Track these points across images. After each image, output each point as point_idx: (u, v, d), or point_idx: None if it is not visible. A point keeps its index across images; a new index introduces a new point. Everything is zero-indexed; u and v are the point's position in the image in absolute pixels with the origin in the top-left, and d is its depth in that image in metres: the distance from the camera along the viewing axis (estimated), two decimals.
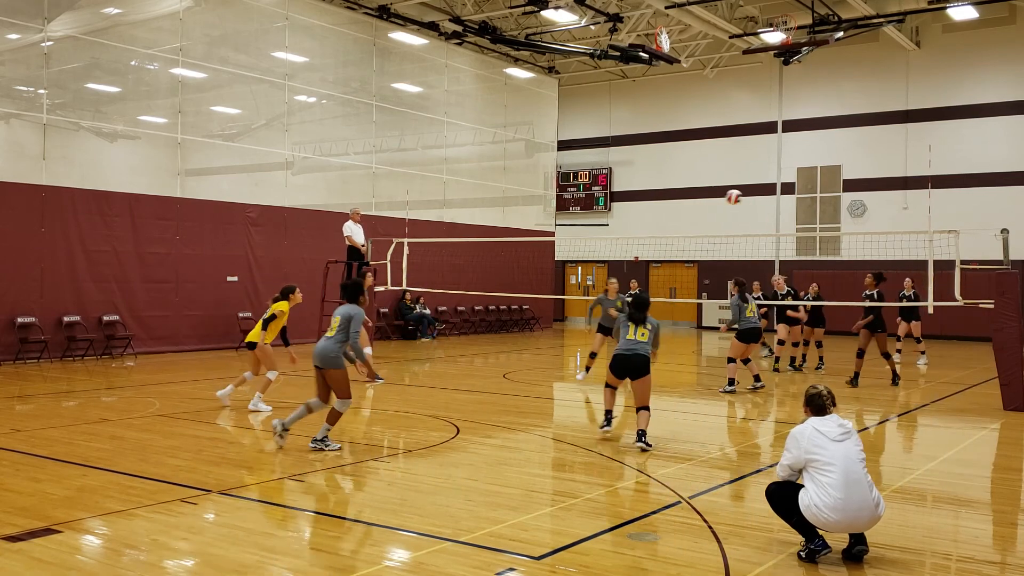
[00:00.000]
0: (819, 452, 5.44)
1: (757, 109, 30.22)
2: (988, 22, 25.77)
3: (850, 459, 5.41)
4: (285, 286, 11.47)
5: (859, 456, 5.48)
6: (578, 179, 33.64)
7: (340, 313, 8.60)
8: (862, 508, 5.35)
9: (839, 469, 5.36)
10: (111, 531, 5.94)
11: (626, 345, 9.25)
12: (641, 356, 9.16)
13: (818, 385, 5.81)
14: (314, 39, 22.54)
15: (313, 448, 8.51)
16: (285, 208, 21.46)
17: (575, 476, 8.03)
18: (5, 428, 9.61)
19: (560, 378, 16.42)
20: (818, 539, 5.44)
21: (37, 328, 16.53)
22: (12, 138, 17.15)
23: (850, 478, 5.35)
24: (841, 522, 5.36)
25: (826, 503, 5.34)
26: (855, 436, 5.57)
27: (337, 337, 8.51)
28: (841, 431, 5.51)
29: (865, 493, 5.38)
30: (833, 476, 5.36)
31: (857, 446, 5.52)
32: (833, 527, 5.39)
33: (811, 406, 5.70)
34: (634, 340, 9.23)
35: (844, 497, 5.32)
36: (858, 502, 5.34)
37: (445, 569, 5.19)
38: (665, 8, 23.07)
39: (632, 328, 9.27)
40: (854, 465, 5.40)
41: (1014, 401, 11.92)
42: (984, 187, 26.13)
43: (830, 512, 5.33)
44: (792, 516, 5.52)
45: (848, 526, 5.40)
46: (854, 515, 5.34)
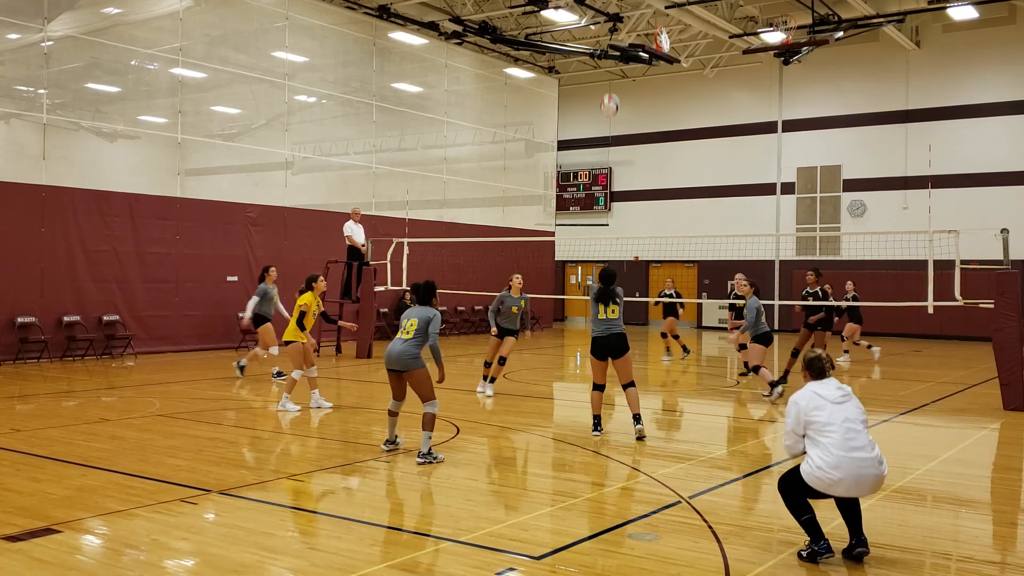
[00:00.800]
0: (818, 414, 5.46)
1: (757, 109, 30.21)
2: (988, 22, 25.77)
3: (850, 420, 5.43)
4: (309, 276, 11.45)
5: (859, 417, 5.49)
6: (578, 179, 33.65)
7: (417, 316, 8.23)
8: (864, 465, 5.34)
9: (839, 428, 5.38)
10: (111, 531, 5.94)
11: (600, 327, 9.33)
12: (617, 334, 9.28)
13: (817, 350, 5.81)
14: (314, 39, 22.54)
15: (421, 463, 8.06)
16: (285, 208, 21.46)
17: (575, 476, 8.03)
18: (5, 428, 9.61)
19: (560, 378, 16.41)
20: (823, 541, 5.43)
21: (37, 328, 16.53)
22: (12, 138, 17.15)
23: (850, 436, 5.37)
24: (845, 480, 5.32)
25: (828, 462, 5.34)
26: (855, 399, 5.58)
27: (415, 340, 8.17)
28: (840, 393, 5.53)
29: (867, 451, 5.37)
30: (834, 436, 5.37)
31: (857, 408, 5.53)
32: (838, 487, 5.35)
33: (811, 370, 5.70)
34: (606, 319, 9.31)
35: (846, 454, 5.32)
36: (860, 459, 5.33)
37: (445, 569, 5.19)
38: (665, 8, 23.07)
39: (602, 308, 9.33)
40: (854, 425, 5.42)
41: (1014, 401, 11.92)
42: (984, 187, 26.12)
43: (832, 470, 5.32)
44: (802, 514, 5.49)
45: (853, 485, 5.35)
46: (857, 472, 5.32)
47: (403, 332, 8.23)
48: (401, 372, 8.21)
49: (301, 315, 11.05)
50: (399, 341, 8.19)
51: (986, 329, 13.22)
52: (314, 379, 11.36)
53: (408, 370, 8.15)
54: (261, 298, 13.95)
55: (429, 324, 8.17)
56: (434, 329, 8.17)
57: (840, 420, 5.42)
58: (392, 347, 8.21)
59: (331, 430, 10.10)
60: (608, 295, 9.32)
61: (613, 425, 11.15)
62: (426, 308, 8.32)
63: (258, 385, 14.09)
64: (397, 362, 8.17)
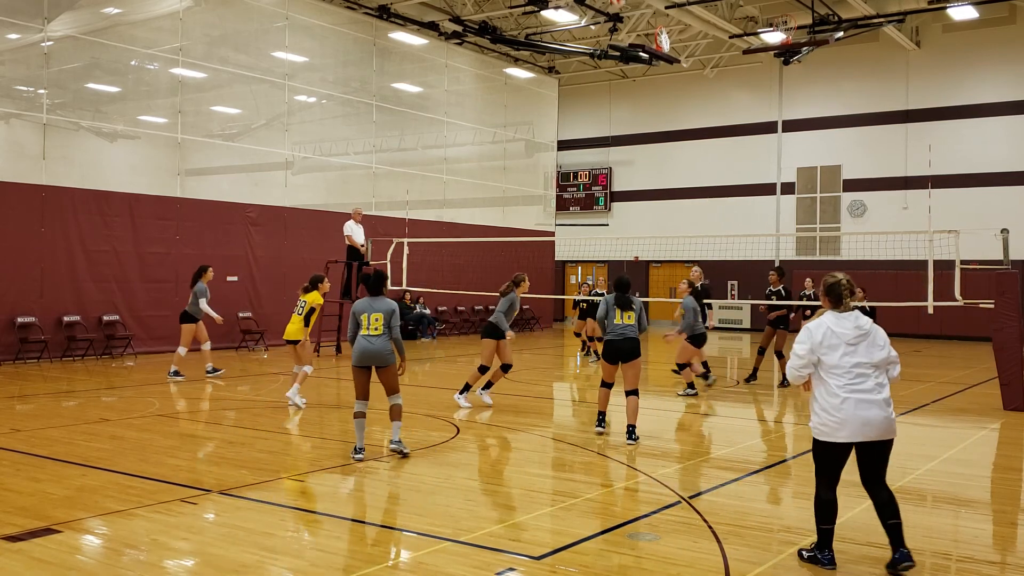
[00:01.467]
0: (829, 354, 5.32)
1: (757, 109, 30.21)
2: (988, 22, 25.77)
3: (861, 365, 5.29)
4: (313, 275, 11.70)
5: (872, 359, 5.32)
6: (578, 179, 33.64)
7: (381, 310, 8.31)
8: (868, 406, 5.22)
9: (846, 373, 5.27)
10: (111, 531, 5.94)
11: (615, 331, 9.48)
12: (631, 340, 9.45)
13: (838, 273, 5.57)
14: (314, 39, 22.54)
15: (395, 450, 8.31)
16: (285, 208, 21.46)
17: (575, 476, 8.03)
18: (5, 428, 9.61)
19: (560, 378, 16.41)
20: (828, 553, 5.34)
21: (37, 328, 16.53)
22: (12, 138, 17.15)
23: (857, 380, 5.26)
24: (848, 421, 5.22)
25: (831, 403, 5.27)
26: (873, 336, 5.39)
27: (386, 334, 8.30)
28: (857, 333, 5.34)
29: (873, 393, 5.25)
30: (840, 379, 5.27)
31: (872, 348, 5.35)
32: (842, 429, 5.24)
33: (830, 295, 5.48)
34: (622, 324, 9.49)
35: (849, 395, 5.23)
36: (863, 400, 5.22)
37: (445, 569, 5.19)
38: (665, 8, 23.07)
39: (618, 313, 9.50)
40: (864, 370, 5.29)
41: (1014, 401, 11.93)
42: (984, 187, 26.12)
43: (835, 412, 5.24)
44: (823, 523, 5.37)
45: (858, 428, 5.23)
46: (861, 414, 5.21)
47: (370, 328, 8.26)
48: (379, 367, 8.29)
49: (311, 312, 11.30)
50: (372, 338, 8.24)
51: (986, 329, 13.24)
52: (305, 376, 11.50)
53: (386, 365, 8.28)
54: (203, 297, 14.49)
55: (392, 317, 8.31)
56: (396, 322, 8.32)
57: (849, 365, 5.28)
58: (367, 345, 8.23)
59: (331, 430, 10.10)
60: (625, 302, 9.55)
61: (613, 425, 11.15)
62: (383, 300, 8.43)
63: (258, 385, 14.09)
64: (377, 358, 8.24)
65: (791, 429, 10.92)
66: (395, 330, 8.32)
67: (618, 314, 9.51)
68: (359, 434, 8.37)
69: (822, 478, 5.42)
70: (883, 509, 5.38)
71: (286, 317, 20.83)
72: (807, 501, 7.25)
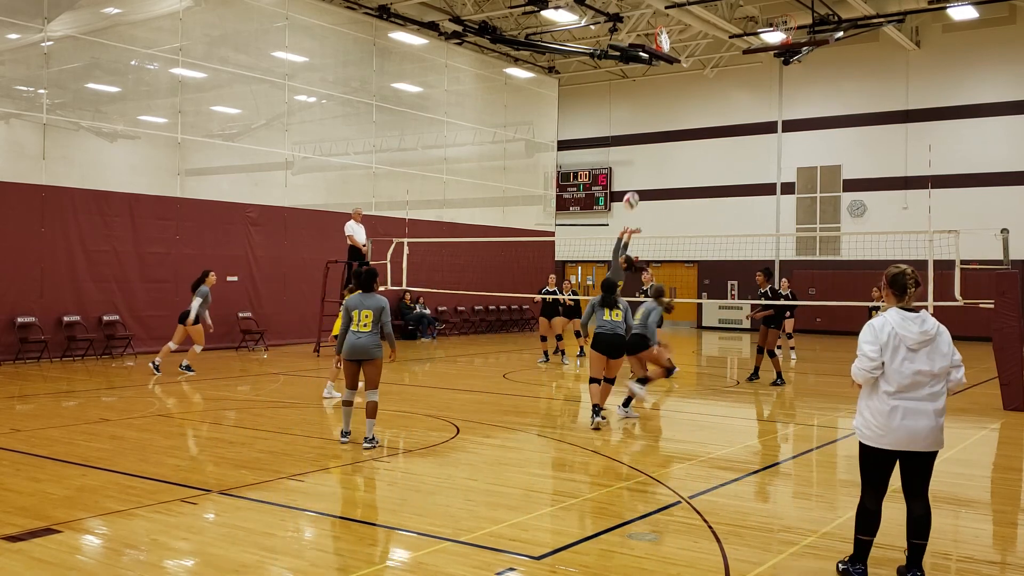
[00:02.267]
0: (890, 358, 4.98)
1: (757, 109, 30.21)
2: (988, 22, 25.77)
3: (921, 373, 4.96)
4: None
5: (934, 368, 4.98)
6: (578, 179, 33.64)
7: (371, 307, 8.70)
8: (918, 415, 4.96)
9: (904, 379, 4.97)
10: (111, 531, 5.94)
11: (605, 325, 10.35)
12: (618, 335, 10.30)
13: (902, 264, 5.24)
14: (314, 39, 22.54)
15: (369, 447, 8.63)
16: (285, 208, 21.46)
17: (575, 476, 8.03)
18: (5, 428, 9.61)
19: (560, 377, 16.40)
20: (860, 566, 5.15)
21: (37, 328, 16.53)
22: (12, 138, 17.15)
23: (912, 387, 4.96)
24: (895, 430, 4.96)
25: (880, 409, 5.00)
26: (939, 339, 5.04)
27: (375, 330, 8.71)
28: (922, 337, 4.98)
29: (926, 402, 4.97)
30: (894, 385, 4.97)
31: (936, 353, 5.00)
32: (887, 438, 5.00)
33: (894, 287, 5.14)
34: (610, 320, 10.33)
35: (900, 403, 4.96)
36: (914, 409, 4.96)
37: (445, 569, 5.19)
38: (665, 8, 23.07)
39: (607, 311, 10.40)
40: (922, 379, 4.97)
41: (1014, 401, 11.93)
42: (984, 187, 26.12)
43: (881, 418, 4.98)
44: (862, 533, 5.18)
45: (905, 438, 4.97)
46: (911, 424, 4.95)
47: (359, 324, 8.69)
48: (364, 361, 8.75)
49: None
50: (360, 334, 8.68)
51: (986, 329, 13.23)
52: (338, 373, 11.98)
53: (371, 359, 8.74)
54: (204, 300, 14.80)
55: (382, 313, 8.73)
56: (387, 318, 8.77)
57: (908, 372, 4.96)
58: (355, 340, 8.70)
59: (331, 430, 10.10)
60: (610, 302, 10.41)
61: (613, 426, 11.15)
62: (374, 297, 8.85)
63: (258, 385, 14.10)
64: (363, 352, 8.71)
65: (792, 430, 10.92)
66: (386, 326, 8.79)
67: (606, 312, 10.37)
68: (346, 420, 8.97)
69: (867, 485, 5.21)
70: (913, 525, 5.18)
71: (286, 317, 21.03)
72: (807, 501, 7.26)
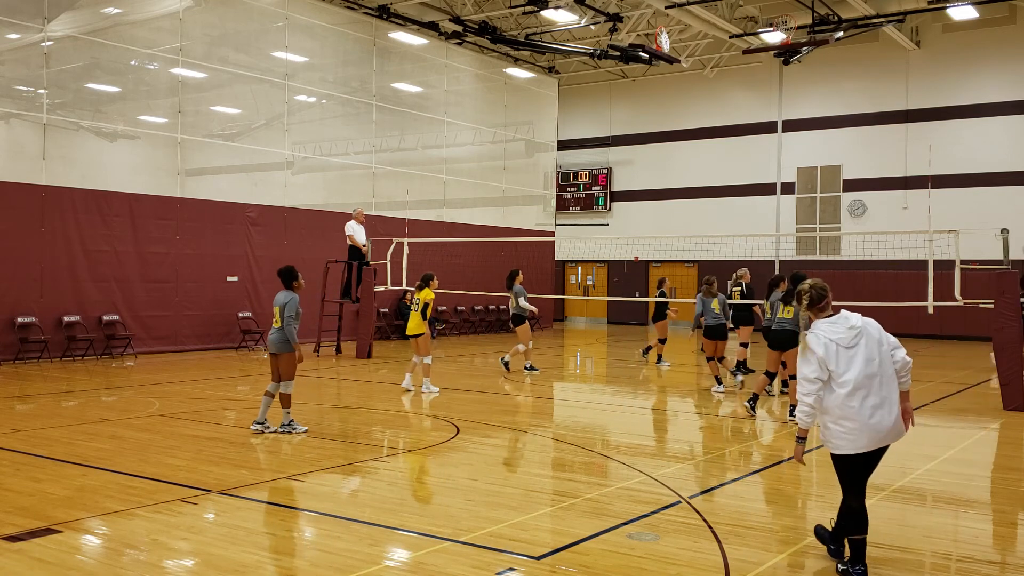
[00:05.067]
0: (834, 365, 5.15)
1: (757, 109, 30.21)
2: (988, 22, 25.77)
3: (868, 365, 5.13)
4: (424, 274, 13.04)
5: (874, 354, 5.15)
6: (578, 179, 33.64)
7: (279, 303, 9.33)
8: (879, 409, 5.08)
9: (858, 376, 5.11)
10: (111, 531, 5.94)
11: (777, 323, 11.16)
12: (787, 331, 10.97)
13: (805, 282, 5.46)
14: (314, 39, 22.54)
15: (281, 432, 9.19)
16: (285, 208, 21.46)
17: (575, 476, 8.03)
18: (5, 428, 9.61)
19: (560, 378, 16.41)
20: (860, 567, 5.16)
21: (37, 328, 16.53)
22: (12, 138, 17.14)
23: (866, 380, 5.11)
24: (865, 429, 5.08)
25: (846, 413, 5.11)
26: (868, 330, 5.23)
27: (283, 325, 9.27)
28: (852, 334, 5.19)
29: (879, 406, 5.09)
30: (850, 386, 5.11)
31: (871, 343, 5.17)
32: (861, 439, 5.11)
33: (810, 306, 5.36)
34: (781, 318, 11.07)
35: (863, 402, 5.09)
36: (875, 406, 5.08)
37: (445, 569, 5.19)
38: (665, 8, 23.07)
39: (781, 307, 11.14)
40: (870, 369, 5.13)
41: (1014, 401, 11.92)
42: (984, 187, 26.12)
43: (850, 421, 5.09)
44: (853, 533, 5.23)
45: (874, 436, 5.11)
46: (875, 421, 5.09)
47: (274, 320, 9.35)
48: (272, 355, 9.34)
49: (424, 307, 12.62)
50: (273, 329, 9.37)
51: (986, 329, 13.23)
52: (428, 366, 12.86)
53: (280, 353, 9.24)
54: None
55: (284, 308, 9.28)
56: (288, 312, 9.19)
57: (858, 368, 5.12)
58: (269, 335, 9.44)
59: (331, 430, 10.10)
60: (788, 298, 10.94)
61: (613, 425, 11.16)
62: (286, 293, 9.33)
63: (258, 385, 14.09)
64: (271, 346, 9.37)
65: (793, 430, 10.91)
66: (286, 320, 9.16)
67: (781, 308, 11.02)
68: (261, 409, 9.47)
69: (848, 488, 5.29)
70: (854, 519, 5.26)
71: None
72: (807, 501, 7.26)
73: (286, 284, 9.37)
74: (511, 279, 15.80)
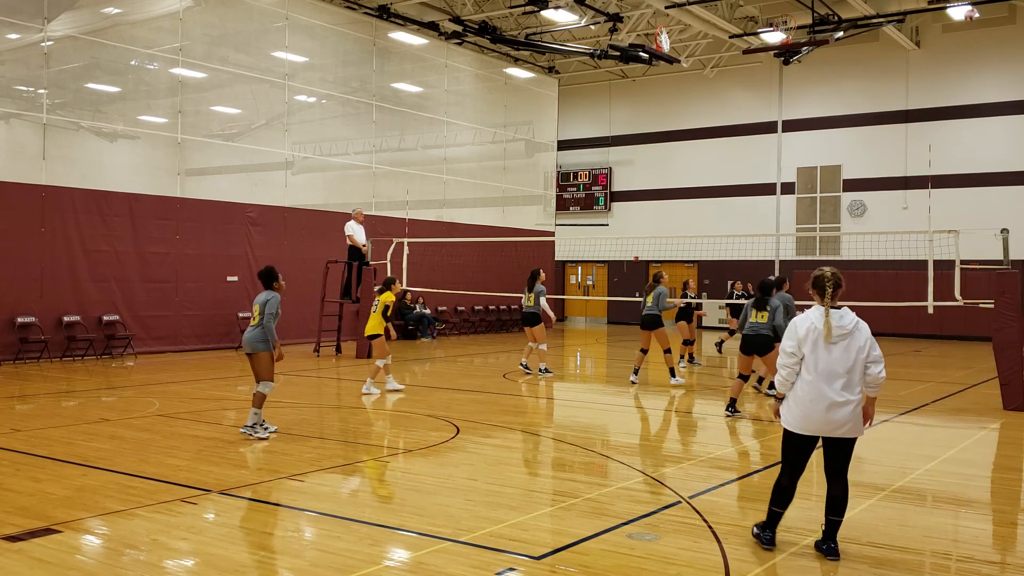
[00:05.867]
0: (808, 351, 5.48)
1: (757, 109, 30.22)
2: (988, 22, 25.77)
3: (837, 362, 5.41)
4: (386, 278, 12.91)
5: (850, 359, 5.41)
6: (578, 179, 33.64)
7: (257, 301, 9.28)
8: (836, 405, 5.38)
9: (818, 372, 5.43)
10: (111, 531, 5.94)
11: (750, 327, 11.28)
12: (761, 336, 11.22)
13: (825, 268, 5.67)
14: (314, 39, 22.54)
15: (243, 433, 9.10)
16: (285, 208, 21.46)
17: (575, 476, 8.03)
18: (5, 428, 9.61)
19: (560, 378, 16.41)
20: (768, 532, 5.65)
21: (37, 328, 16.53)
22: (12, 138, 17.14)
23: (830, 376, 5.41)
24: (814, 417, 5.43)
25: (801, 398, 5.48)
26: (856, 334, 5.45)
27: (259, 324, 9.18)
28: (839, 332, 5.43)
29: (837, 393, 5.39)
30: (814, 375, 5.44)
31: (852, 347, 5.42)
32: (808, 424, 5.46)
33: (815, 288, 5.61)
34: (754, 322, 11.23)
35: (820, 393, 5.40)
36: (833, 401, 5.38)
37: (445, 569, 5.19)
38: (665, 8, 23.07)
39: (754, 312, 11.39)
40: (839, 368, 5.41)
41: (1014, 401, 11.92)
42: (984, 187, 26.13)
43: (802, 406, 5.46)
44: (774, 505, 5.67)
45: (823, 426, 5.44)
46: (828, 414, 5.40)
47: (252, 319, 9.30)
48: (248, 354, 9.21)
49: (385, 309, 12.52)
50: (249, 328, 9.27)
51: (986, 329, 13.23)
52: (378, 369, 12.67)
53: (254, 352, 9.14)
54: None
55: (264, 306, 9.16)
56: (268, 310, 9.11)
57: (825, 362, 5.43)
58: (245, 334, 9.32)
59: (331, 430, 10.10)
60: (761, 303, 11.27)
61: (613, 425, 11.16)
62: (268, 292, 9.31)
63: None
64: (246, 345, 9.24)
65: None
66: (267, 317, 9.11)
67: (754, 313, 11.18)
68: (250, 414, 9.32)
69: (786, 465, 5.66)
70: (831, 503, 5.56)
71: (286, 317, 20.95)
72: (807, 501, 7.26)
73: (266, 285, 9.37)
74: (533, 279, 15.47)
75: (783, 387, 5.62)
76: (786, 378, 5.59)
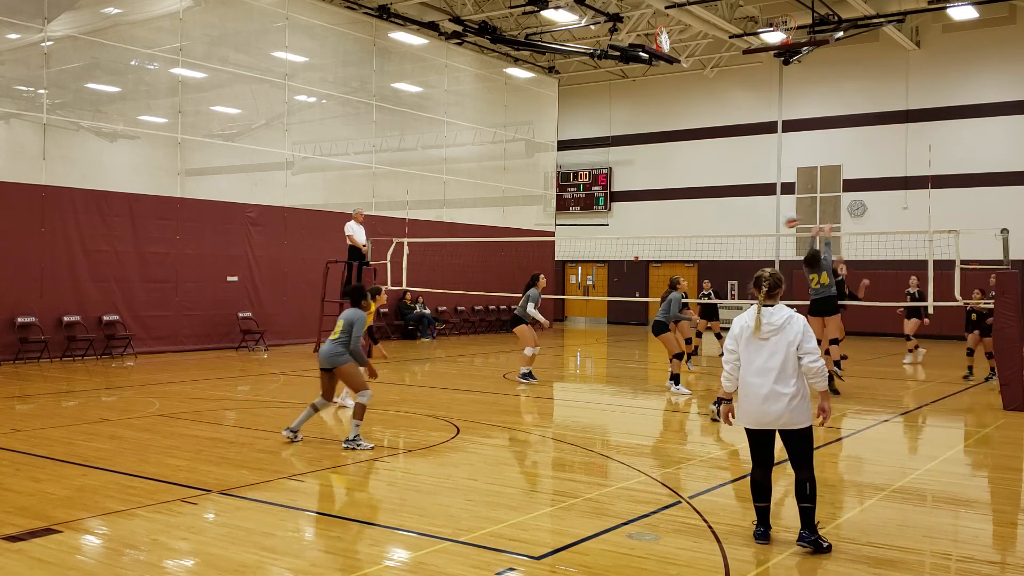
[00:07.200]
0: (742, 349, 5.73)
1: (757, 109, 30.22)
2: (988, 22, 25.77)
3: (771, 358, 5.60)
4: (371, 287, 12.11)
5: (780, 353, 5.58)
6: (578, 179, 33.65)
7: (343, 317, 8.94)
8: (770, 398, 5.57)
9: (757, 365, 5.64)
10: (111, 531, 5.94)
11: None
12: None
13: (767, 268, 5.91)
14: (314, 39, 22.54)
15: (347, 448, 8.63)
16: (285, 208, 21.46)
17: (575, 476, 8.03)
18: (5, 428, 9.61)
19: (560, 378, 16.40)
20: (760, 528, 5.78)
21: (37, 328, 16.53)
22: (12, 138, 17.14)
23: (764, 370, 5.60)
24: (752, 412, 5.65)
25: (743, 393, 5.71)
26: (787, 328, 5.62)
27: (340, 339, 8.82)
28: (766, 329, 5.64)
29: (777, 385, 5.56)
30: (750, 370, 5.68)
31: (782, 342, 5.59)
32: (748, 418, 5.69)
33: (755, 286, 5.81)
34: None
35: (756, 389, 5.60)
36: (768, 394, 5.57)
37: (445, 569, 5.19)
38: (665, 8, 23.07)
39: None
40: (771, 363, 5.59)
41: (1014, 401, 11.92)
42: (984, 187, 26.12)
43: (743, 401, 5.69)
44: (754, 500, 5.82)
45: (761, 419, 5.64)
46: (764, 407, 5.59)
47: (333, 332, 8.97)
48: (330, 369, 8.89)
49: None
50: (329, 341, 8.94)
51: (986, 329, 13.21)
52: None
53: (334, 367, 8.84)
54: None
55: (353, 326, 8.87)
56: (357, 332, 8.88)
57: (759, 358, 5.64)
58: (322, 347, 8.98)
59: (331, 430, 10.10)
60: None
61: (613, 425, 11.16)
62: (354, 310, 9.07)
63: (258, 385, 14.09)
64: (325, 360, 8.88)
65: None
66: (353, 341, 8.86)
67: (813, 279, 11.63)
68: (300, 418, 9.08)
69: (753, 460, 5.84)
70: (798, 487, 5.68)
71: (286, 317, 21.05)
72: None
73: (354, 303, 9.11)
74: (529, 283, 15.05)
75: (726, 384, 5.86)
76: (729, 373, 5.82)
